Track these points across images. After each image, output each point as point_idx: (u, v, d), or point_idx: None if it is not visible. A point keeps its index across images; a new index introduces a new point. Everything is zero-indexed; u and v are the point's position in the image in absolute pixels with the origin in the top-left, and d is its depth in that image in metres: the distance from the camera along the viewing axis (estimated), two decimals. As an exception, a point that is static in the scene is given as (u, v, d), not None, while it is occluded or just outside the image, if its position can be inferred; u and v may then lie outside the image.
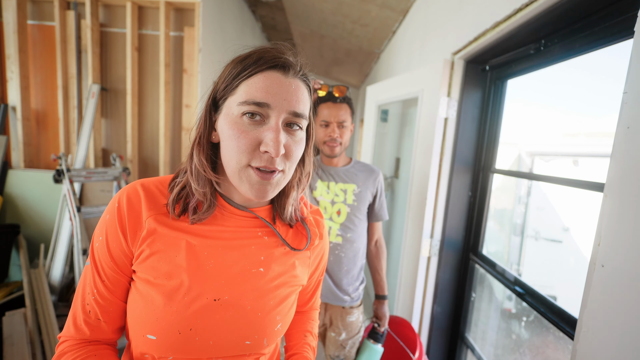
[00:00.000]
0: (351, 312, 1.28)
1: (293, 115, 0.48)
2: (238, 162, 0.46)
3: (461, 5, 1.38)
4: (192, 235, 0.51)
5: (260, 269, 0.53)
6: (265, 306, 0.52)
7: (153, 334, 0.47)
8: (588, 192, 0.85)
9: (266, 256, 0.54)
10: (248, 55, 0.49)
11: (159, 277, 0.48)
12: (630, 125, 0.60)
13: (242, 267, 0.52)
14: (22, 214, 2.14)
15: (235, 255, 0.52)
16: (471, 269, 1.49)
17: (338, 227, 1.25)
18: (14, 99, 2.17)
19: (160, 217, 0.50)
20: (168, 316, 0.47)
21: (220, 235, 0.52)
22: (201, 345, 0.49)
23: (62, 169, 1.85)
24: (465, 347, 1.51)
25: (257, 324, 0.52)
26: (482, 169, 1.42)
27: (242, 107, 0.46)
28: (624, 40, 0.79)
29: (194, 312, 0.48)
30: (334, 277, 1.26)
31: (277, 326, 0.54)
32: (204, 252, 0.50)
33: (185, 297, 0.48)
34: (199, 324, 0.48)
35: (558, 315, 0.93)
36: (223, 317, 0.50)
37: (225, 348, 0.50)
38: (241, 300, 0.51)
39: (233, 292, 0.51)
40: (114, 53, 2.23)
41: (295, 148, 0.49)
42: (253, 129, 0.46)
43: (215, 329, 0.49)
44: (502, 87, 1.34)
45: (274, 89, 0.46)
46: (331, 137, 1.20)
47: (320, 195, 1.27)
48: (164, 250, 0.49)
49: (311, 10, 3.03)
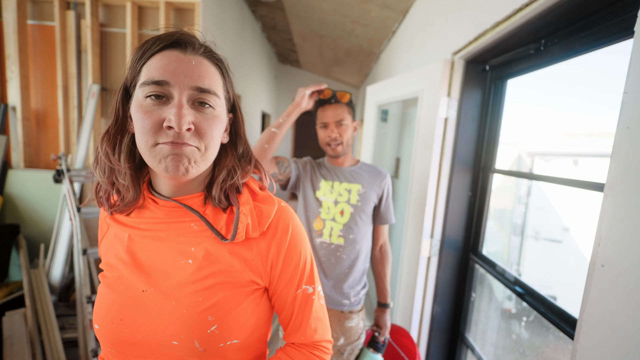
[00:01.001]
0: (350, 317, 1.25)
1: (198, 91, 0.46)
2: (146, 143, 0.45)
3: (461, 5, 1.38)
4: (132, 228, 0.53)
5: (188, 261, 0.49)
6: (191, 303, 0.48)
7: (97, 323, 0.50)
8: (588, 192, 0.85)
9: (197, 247, 0.50)
10: (147, 40, 0.48)
11: (106, 270, 0.54)
12: (630, 125, 0.60)
13: (170, 259, 0.50)
14: (22, 214, 2.14)
15: (164, 245, 0.51)
16: (471, 269, 1.49)
17: (340, 228, 1.23)
18: (14, 99, 2.17)
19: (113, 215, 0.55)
20: (106, 304, 0.50)
21: (153, 227, 0.52)
22: (131, 338, 0.48)
23: (62, 169, 1.85)
24: (465, 347, 1.51)
25: (182, 322, 0.47)
26: (482, 169, 1.42)
27: (144, 89, 0.45)
28: (624, 40, 0.79)
29: (124, 302, 0.49)
30: (333, 280, 1.24)
31: (210, 328, 0.47)
32: (141, 244, 0.52)
33: (120, 286, 0.50)
34: (127, 314, 0.49)
35: (558, 315, 0.93)
36: (149, 310, 0.48)
37: (152, 347, 0.47)
38: (165, 294, 0.48)
39: (159, 284, 0.49)
40: (114, 53, 2.23)
41: (207, 125, 0.47)
42: (157, 109, 0.45)
43: (142, 322, 0.48)
44: (502, 87, 1.34)
45: (171, 67, 0.45)
46: (330, 137, 1.20)
47: (324, 195, 1.26)
48: (112, 245, 0.54)
49: (311, 10, 3.03)
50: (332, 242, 1.24)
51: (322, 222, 1.25)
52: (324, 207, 1.25)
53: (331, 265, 1.24)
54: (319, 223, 1.26)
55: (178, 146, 0.44)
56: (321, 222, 1.25)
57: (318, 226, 1.26)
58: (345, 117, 1.21)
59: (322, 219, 1.25)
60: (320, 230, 1.25)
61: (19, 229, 2.08)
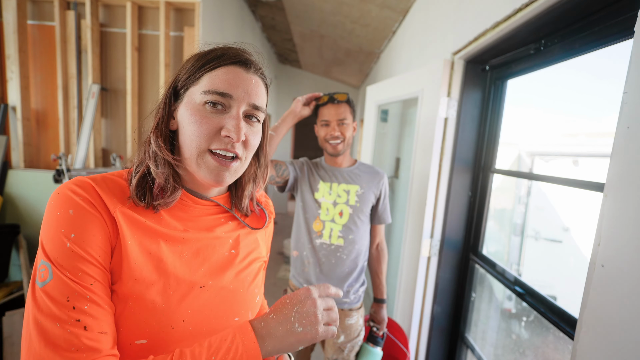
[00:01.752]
0: (350, 314, 1.27)
1: (253, 108, 0.52)
2: (198, 146, 0.48)
3: (461, 5, 1.38)
4: (162, 226, 0.50)
5: (232, 251, 0.57)
6: (244, 283, 0.57)
7: (143, 338, 0.44)
8: (588, 192, 0.85)
9: (234, 239, 0.58)
10: (212, 51, 0.52)
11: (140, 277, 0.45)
12: (630, 125, 0.60)
13: (217, 252, 0.55)
14: (22, 214, 2.13)
15: (207, 242, 0.54)
16: (471, 269, 1.49)
17: (340, 229, 1.25)
18: (14, 99, 2.17)
19: (127, 211, 0.46)
20: (158, 315, 0.45)
21: (189, 226, 0.53)
22: (195, 334, 0.49)
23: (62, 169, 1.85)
24: (465, 347, 1.51)
25: (241, 300, 0.55)
26: (482, 169, 1.42)
27: (206, 96, 0.48)
28: (624, 40, 0.79)
29: (184, 304, 0.48)
30: (334, 279, 1.24)
31: (257, 298, 0.59)
32: (178, 242, 0.51)
33: (172, 292, 0.47)
34: (189, 314, 0.48)
35: (558, 315, 0.93)
36: (211, 302, 0.51)
37: (217, 330, 0.50)
38: (224, 282, 0.54)
39: (215, 277, 0.53)
40: (114, 53, 2.23)
41: (253, 138, 0.53)
42: (215, 116, 0.49)
43: (205, 315, 0.50)
44: (502, 87, 1.34)
45: (236, 82, 0.50)
46: (332, 135, 1.21)
47: (322, 197, 1.26)
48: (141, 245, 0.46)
49: (311, 10, 3.03)
50: (332, 242, 1.25)
51: (322, 223, 1.26)
52: (323, 209, 1.26)
53: (332, 265, 1.24)
54: (318, 224, 1.27)
55: (226, 164, 0.50)
56: (321, 224, 1.26)
57: (318, 227, 1.27)
58: (347, 116, 1.23)
59: (321, 220, 1.26)
60: (320, 231, 1.26)
61: (19, 229, 2.08)
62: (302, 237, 1.30)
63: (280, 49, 4.97)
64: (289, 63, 5.75)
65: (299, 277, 1.31)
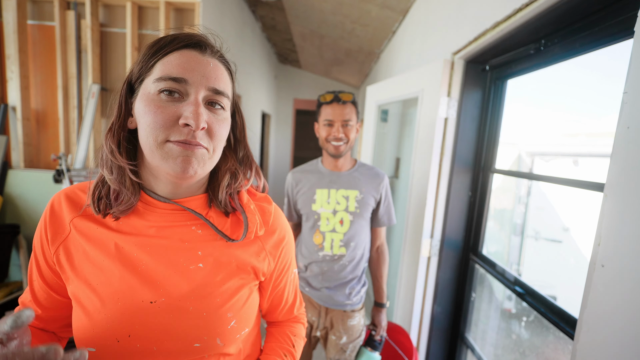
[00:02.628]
0: (352, 315, 1.26)
1: (214, 93, 0.46)
2: (155, 138, 0.43)
3: (461, 5, 1.38)
4: (120, 234, 0.48)
5: (199, 265, 0.49)
6: (210, 304, 0.48)
7: (92, 346, 0.44)
8: (588, 192, 0.85)
9: (204, 250, 0.50)
10: (163, 37, 0.47)
11: (89, 282, 0.46)
12: (630, 125, 0.60)
13: (178, 265, 0.48)
14: (22, 214, 2.13)
15: (168, 253, 0.48)
16: (471, 269, 1.49)
17: (341, 238, 1.21)
18: (14, 99, 2.17)
19: (84, 220, 0.49)
20: (103, 323, 0.44)
21: (150, 233, 0.49)
22: (144, 352, 0.46)
23: (62, 169, 1.85)
24: (465, 347, 1.51)
25: (203, 324, 0.48)
26: (482, 169, 1.42)
27: (159, 84, 0.44)
28: (624, 40, 0.79)
29: (130, 317, 0.45)
30: (336, 285, 1.24)
31: (230, 324, 0.50)
32: (134, 252, 0.47)
33: (118, 302, 0.45)
34: (137, 329, 0.45)
35: (558, 315, 0.93)
36: (164, 321, 0.46)
37: (172, 353, 0.47)
38: (181, 302, 0.47)
39: (171, 293, 0.47)
40: (114, 53, 2.23)
41: (218, 127, 0.47)
42: (171, 104, 0.44)
43: (157, 333, 0.46)
44: (502, 87, 1.34)
45: (190, 66, 0.45)
46: (335, 136, 1.16)
47: (321, 207, 1.22)
48: (92, 253, 0.47)
49: (311, 10, 3.03)
50: (334, 253, 1.22)
51: (322, 235, 1.22)
52: (323, 219, 1.22)
53: (334, 273, 1.23)
54: (318, 237, 1.23)
55: (190, 147, 0.44)
56: (320, 236, 1.23)
57: (318, 240, 1.24)
58: (352, 117, 1.18)
59: (321, 232, 1.22)
60: (320, 244, 1.23)
61: (19, 229, 2.08)
62: (302, 249, 1.29)
63: (280, 49, 4.97)
64: (289, 63, 5.75)
65: (300, 281, 1.31)
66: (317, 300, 1.26)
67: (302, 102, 5.99)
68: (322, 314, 1.27)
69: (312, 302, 1.29)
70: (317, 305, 1.27)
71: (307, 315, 1.29)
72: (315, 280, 1.26)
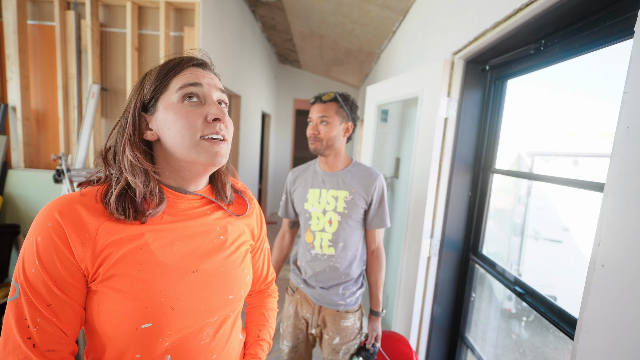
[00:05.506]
0: (346, 316, 1.24)
1: (221, 92, 0.60)
2: (192, 136, 0.53)
3: (461, 5, 1.38)
4: (149, 226, 0.55)
5: (220, 237, 0.63)
6: (233, 264, 0.63)
7: (148, 321, 0.51)
8: (588, 192, 0.85)
9: (221, 226, 0.64)
10: (169, 61, 0.58)
11: (139, 270, 0.51)
12: (630, 125, 0.60)
13: (206, 240, 0.61)
14: (22, 214, 2.13)
15: (196, 231, 0.60)
16: (471, 269, 1.49)
17: (330, 237, 1.21)
18: (14, 99, 2.17)
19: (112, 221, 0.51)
20: (160, 299, 0.52)
21: (177, 219, 0.58)
22: (195, 312, 0.55)
23: (62, 169, 1.85)
24: (465, 347, 1.51)
25: (232, 280, 0.62)
26: (482, 169, 1.42)
27: (181, 91, 0.55)
28: (624, 40, 0.79)
29: (179, 288, 0.54)
30: (328, 286, 1.23)
31: (247, 277, 0.66)
32: (168, 237, 0.56)
33: (167, 278, 0.53)
34: (186, 296, 0.55)
35: (558, 315, 0.93)
36: (205, 284, 0.58)
37: (215, 308, 0.59)
38: (215, 266, 0.60)
39: (206, 261, 0.59)
40: (114, 53, 2.23)
41: (229, 120, 0.59)
42: (196, 108, 0.55)
43: (201, 296, 0.57)
44: (502, 87, 1.34)
45: (200, 76, 0.57)
46: (310, 133, 1.20)
47: (312, 207, 1.23)
48: (133, 247, 0.52)
49: (311, 10, 3.03)
50: (324, 252, 1.23)
51: (312, 234, 1.24)
52: (314, 218, 1.23)
53: (326, 274, 1.23)
54: (309, 236, 1.25)
55: (217, 143, 0.55)
56: (311, 235, 1.24)
57: (309, 239, 1.25)
58: (330, 114, 1.17)
59: (312, 232, 1.24)
60: (311, 242, 1.25)
61: (19, 229, 2.08)
62: (300, 248, 1.31)
63: (280, 49, 4.97)
64: (289, 63, 5.75)
65: (297, 278, 1.32)
66: (311, 297, 1.27)
67: (302, 102, 5.98)
68: (316, 312, 1.27)
69: (307, 299, 1.29)
70: (312, 303, 1.27)
71: (302, 312, 1.31)
72: (311, 279, 1.26)
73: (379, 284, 1.28)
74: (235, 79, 3.14)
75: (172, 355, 0.54)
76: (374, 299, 1.28)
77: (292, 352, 1.33)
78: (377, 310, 1.27)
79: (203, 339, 0.57)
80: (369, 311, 1.31)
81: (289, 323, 1.33)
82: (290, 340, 1.32)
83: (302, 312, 1.30)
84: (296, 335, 1.32)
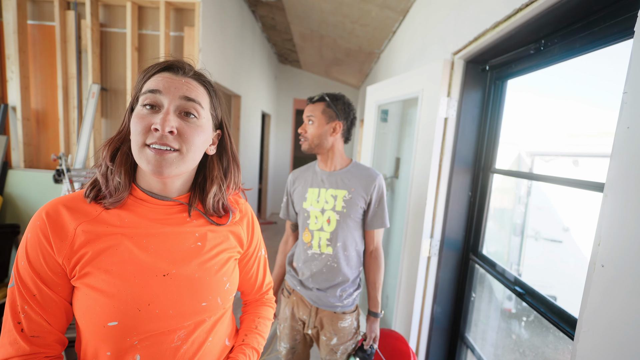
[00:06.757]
0: (343, 317, 1.24)
1: (185, 100, 0.56)
2: (136, 143, 0.54)
3: (461, 5, 1.38)
4: (126, 228, 0.57)
5: (197, 243, 0.63)
6: (210, 270, 0.62)
7: (114, 320, 0.52)
8: (588, 192, 0.85)
9: (200, 233, 0.64)
10: (149, 67, 0.59)
11: (110, 269, 0.54)
12: (630, 125, 0.60)
13: (182, 246, 0.61)
14: (22, 214, 2.14)
15: (173, 237, 0.60)
16: (471, 269, 1.49)
17: (327, 237, 1.21)
18: (14, 99, 2.17)
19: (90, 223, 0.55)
20: (125, 298, 0.53)
21: (153, 224, 0.60)
22: (162, 316, 0.55)
23: (62, 169, 1.85)
24: (465, 347, 1.51)
25: (208, 287, 0.61)
26: (482, 169, 1.42)
27: (142, 98, 0.55)
28: (624, 40, 0.79)
29: (148, 289, 0.55)
30: (325, 288, 1.23)
31: (225, 286, 0.65)
32: (142, 240, 0.57)
33: (136, 279, 0.55)
34: (155, 298, 0.55)
35: (558, 315, 0.93)
36: (176, 287, 0.58)
37: (185, 314, 0.58)
38: (188, 271, 0.60)
39: (179, 266, 0.59)
40: (114, 53, 2.23)
41: (190, 132, 0.56)
42: (150, 115, 0.54)
43: (172, 299, 0.57)
44: (502, 87, 1.34)
45: (165, 82, 0.56)
46: (299, 132, 1.23)
47: (310, 206, 1.23)
48: (106, 247, 0.55)
49: (311, 10, 3.03)
50: (322, 252, 1.22)
51: (310, 233, 1.24)
52: (312, 217, 1.23)
53: (323, 275, 1.22)
54: (307, 235, 1.24)
55: (160, 153, 0.54)
56: (309, 234, 1.24)
57: (307, 238, 1.25)
58: (316, 114, 1.19)
59: (310, 231, 1.24)
60: (309, 242, 1.24)
61: (19, 229, 2.08)
62: (297, 249, 1.30)
63: (280, 49, 4.97)
64: (289, 63, 5.75)
65: (293, 279, 1.31)
66: (308, 299, 1.26)
67: (302, 102, 5.98)
68: (313, 313, 1.26)
69: (303, 301, 1.28)
70: (309, 304, 1.27)
71: (298, 314, 1.30)
72: (307, 280, 1.26)
73: (378, 285, 1.27)
74: (235, 79, 3.14)
75: (142, 355, 0.55)
76: (372, 300, 1.28)
77: (290, 353, 1.33)
78: (376, 311, 1.27)
79: (174, 341, 0.57)
80: (366, 310, 1.31)
81: (286, 325, 1.32)
82: (287, 342, 1.32)
83: (298, 313, 1.30)
84: (293, 337, 1.32)
